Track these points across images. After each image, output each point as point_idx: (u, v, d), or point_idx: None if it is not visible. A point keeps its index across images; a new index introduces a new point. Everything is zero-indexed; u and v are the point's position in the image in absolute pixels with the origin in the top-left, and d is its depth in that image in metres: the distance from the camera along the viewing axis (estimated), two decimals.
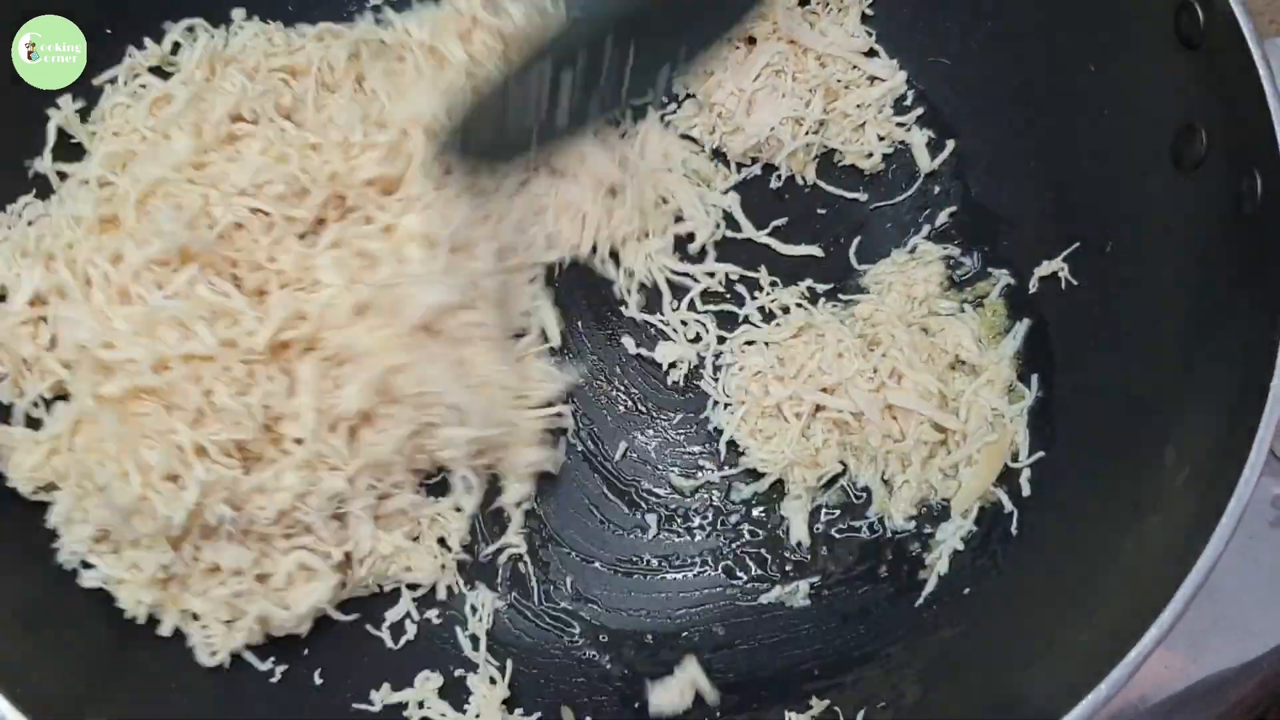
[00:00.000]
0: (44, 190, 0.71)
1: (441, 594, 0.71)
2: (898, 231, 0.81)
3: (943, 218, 0.81)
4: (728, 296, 0.79)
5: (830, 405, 0.73)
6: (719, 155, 0.82)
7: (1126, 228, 0.71)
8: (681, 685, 0.68)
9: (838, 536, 0.73)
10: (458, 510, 0.72)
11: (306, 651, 0.68)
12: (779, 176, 0.81)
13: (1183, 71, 0.65)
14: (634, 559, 0.74)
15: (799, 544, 0.73)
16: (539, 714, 0.68)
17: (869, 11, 0.83)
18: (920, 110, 0.82)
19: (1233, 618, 0.74)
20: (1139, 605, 0.54)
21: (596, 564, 0.74)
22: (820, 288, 0.79)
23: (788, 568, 0.73)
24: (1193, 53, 0.64)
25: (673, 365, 0.77)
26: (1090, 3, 0.72)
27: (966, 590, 0.70)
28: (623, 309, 0.79)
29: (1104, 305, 0.72)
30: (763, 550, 0.74)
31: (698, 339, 0.78)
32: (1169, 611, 0.52)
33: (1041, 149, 0.77)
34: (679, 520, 0.75)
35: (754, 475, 0.75)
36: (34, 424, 0.67)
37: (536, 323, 0.76)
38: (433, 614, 0.71)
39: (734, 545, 0.74)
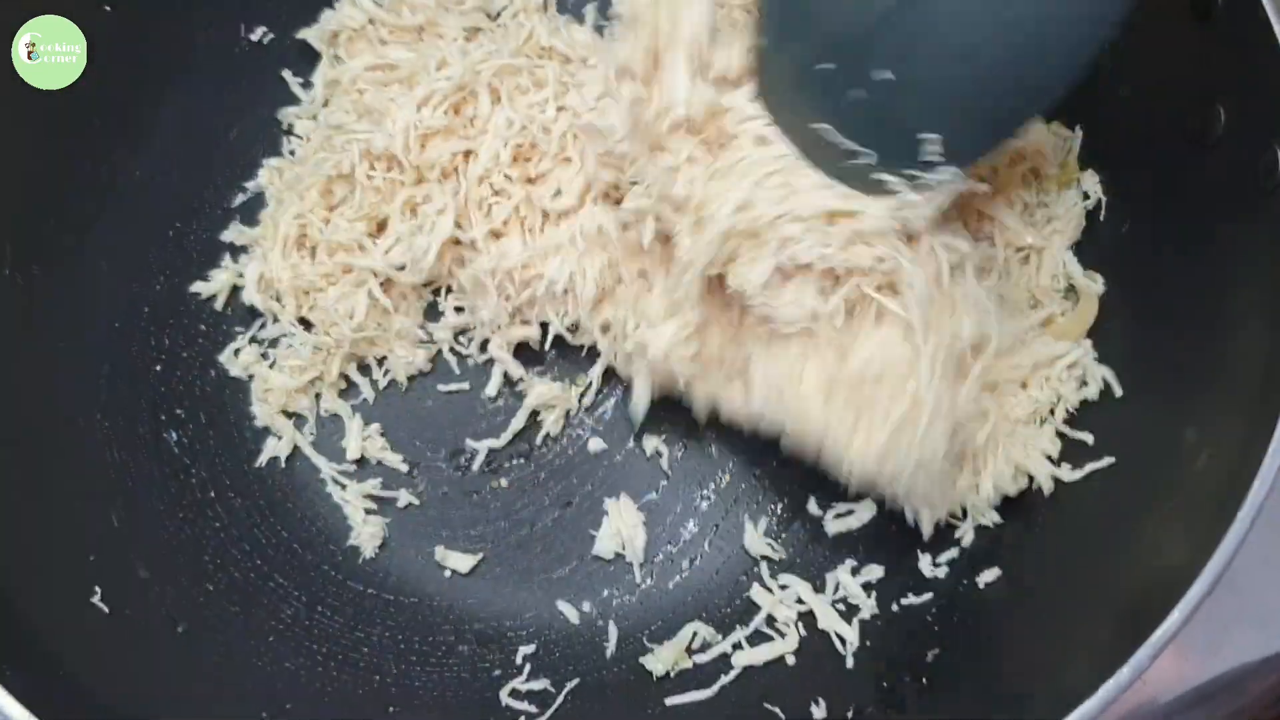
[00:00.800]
0: None
1: None
2: None
3: None
4: None
5: None
6: None
7: (1144, 205, 0.70)
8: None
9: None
10: None
11: None
12: None
13: (1198, 45, 0.64)
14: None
15: None
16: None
17: None
18: None
19: (1253, 612, 0.73)
20: (1161, 588, 0.53)
21: None
22: None
23: None
24: (1208, 25, 0.63)
25: None
26: None
27: (982, 577, 0.69)
28: None
29: (1121, 284, 0.71)
30: None
31: None
32: (1193, 592, 0.51)
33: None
34: None
35: None
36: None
37: None
38: None
39: None
